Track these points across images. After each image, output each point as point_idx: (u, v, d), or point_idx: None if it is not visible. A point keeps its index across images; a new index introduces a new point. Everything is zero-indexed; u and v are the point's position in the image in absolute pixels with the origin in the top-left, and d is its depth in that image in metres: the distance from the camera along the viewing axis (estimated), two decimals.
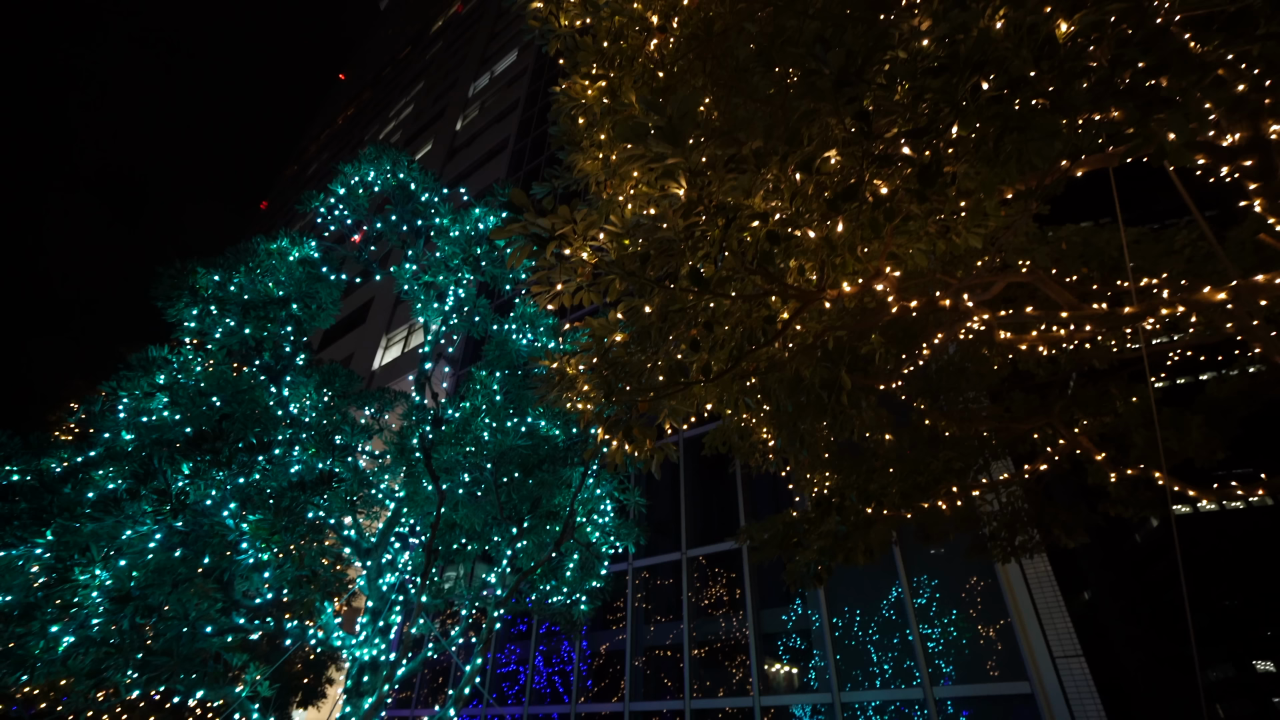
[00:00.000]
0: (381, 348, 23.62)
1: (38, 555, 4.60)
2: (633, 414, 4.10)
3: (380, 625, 5.78)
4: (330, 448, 5.40)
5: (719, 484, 12.84)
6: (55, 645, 4.47)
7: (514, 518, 6.02)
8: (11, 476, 5.17)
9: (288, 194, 55.97)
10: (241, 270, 5.69)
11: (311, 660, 8.37)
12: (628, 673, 11.76)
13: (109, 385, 5.34)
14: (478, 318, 6.73)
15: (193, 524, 4.79)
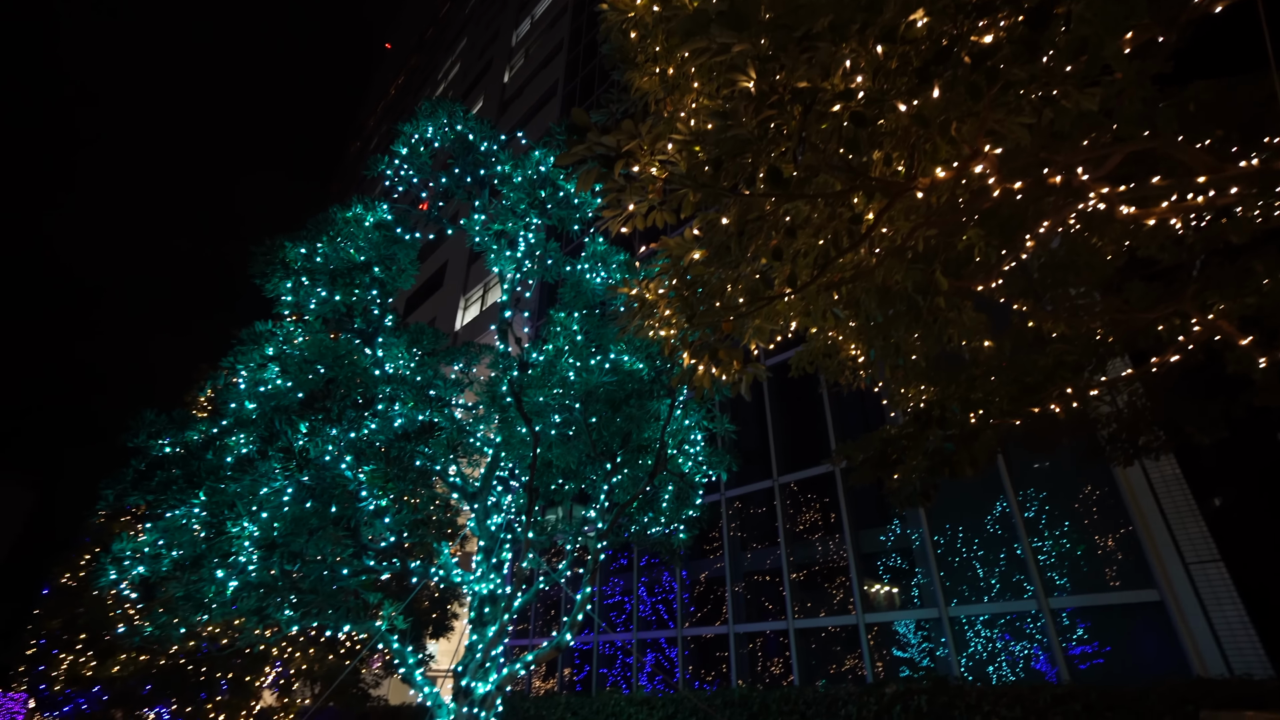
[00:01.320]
0: (461, 308, 24.45)
1: (196, 514, 5.24)
2: (716, 336, 4.00)
3: (494, 562, 6.18)
4: (428, 400, 5.69)
5: (806, 408, 12.63)
6: (223, 589, 5.13)
7: (606, 454, 6.16)
8: (164, 449, 5.85)
9: (354, 171, 57.90)
10: (324, 240, 5.97)
11: (436, 597, 9.16)
12: (729, 598, 12.10)
13: (228, 361, 5.84)
14: (550, 261, 6.76)
15: (317, 478, 5.28)
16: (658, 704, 6.44)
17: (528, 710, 7.70)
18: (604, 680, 13.91)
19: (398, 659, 5.98)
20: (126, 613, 10.55)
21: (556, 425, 5.96)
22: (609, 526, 5.81)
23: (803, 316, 4.37)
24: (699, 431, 6.40)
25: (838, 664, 10.39)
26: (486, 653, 5.88)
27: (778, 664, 11.16)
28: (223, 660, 9.23)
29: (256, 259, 5.89)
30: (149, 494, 5.50)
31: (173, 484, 5.35)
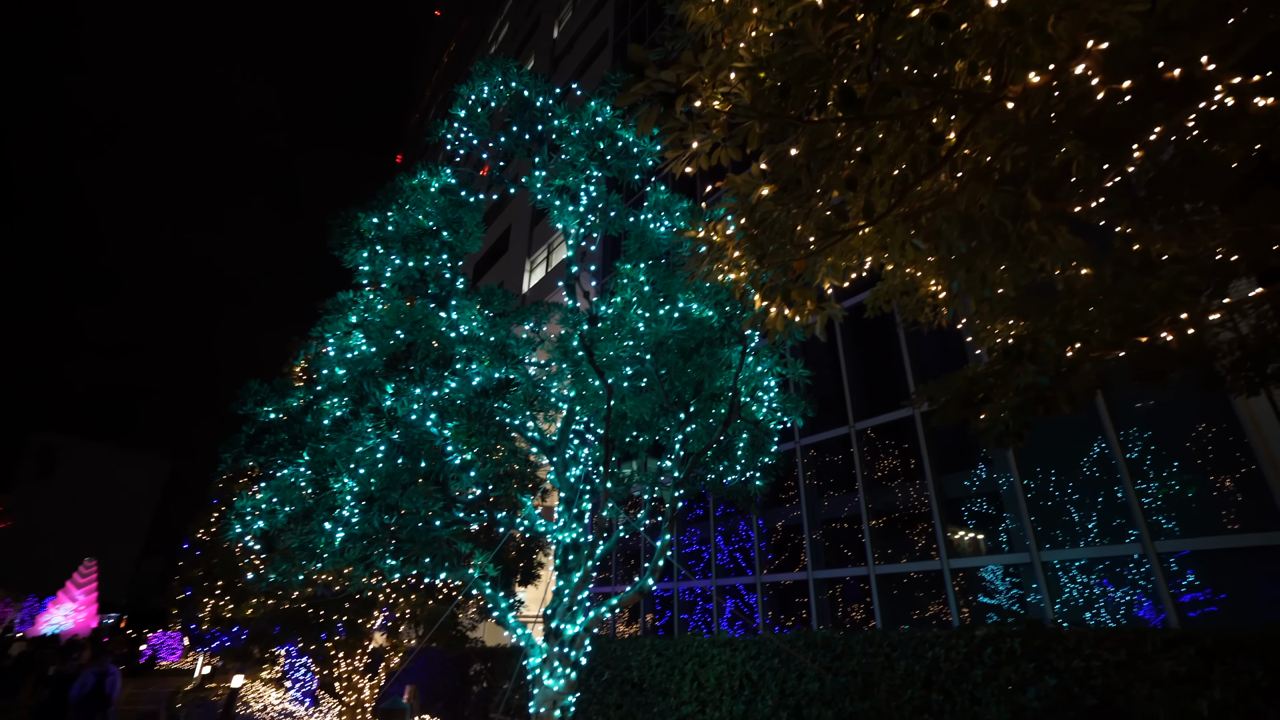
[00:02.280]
0: (526, 271, 24.89)
1: (302, 472, 5.72)
2: (788, 277, 3.87)
3: (575, 512, 6.40)
4: (503, 357, 5.87)
5: (881, 351, 12.20)
6: (331, 540, 5.62)
7: (679, 404, 6.18)
8: (269, 415, 6.37)
9: (416, 142, 59.14)
10: (393, 208, 6.17)
11: (522, 547, 9.66)
12: (807, 545, 12.11)
13: (317, 331, 6.23)
14: (613, 213, 6.70)
15: (405, 435, 5.62)
16: (740, 645, 6.58)
17: (614, 651, 8.06)
18: (684, 625, 14.38)
19: (490, 604, 6.38)
20: (252, 562, 11.77)
21: (628, 378, 6.01)
22: (685, 476, 5.88)
23: (878, 251, 4.14)
24: (772, 378, 6.29)
25: (921, 610, 10.27)
26: (573, 597, 6.16)
27: (858, 609, 11.16)
28: (337, 605, 10.17)
29: (334, 232, 6.17)
30: (260, 456, 6.06)
31: (280, 446, 5.87)
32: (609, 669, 7.99)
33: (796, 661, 5.98)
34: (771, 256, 3.73)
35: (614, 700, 7.76)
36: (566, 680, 6.10)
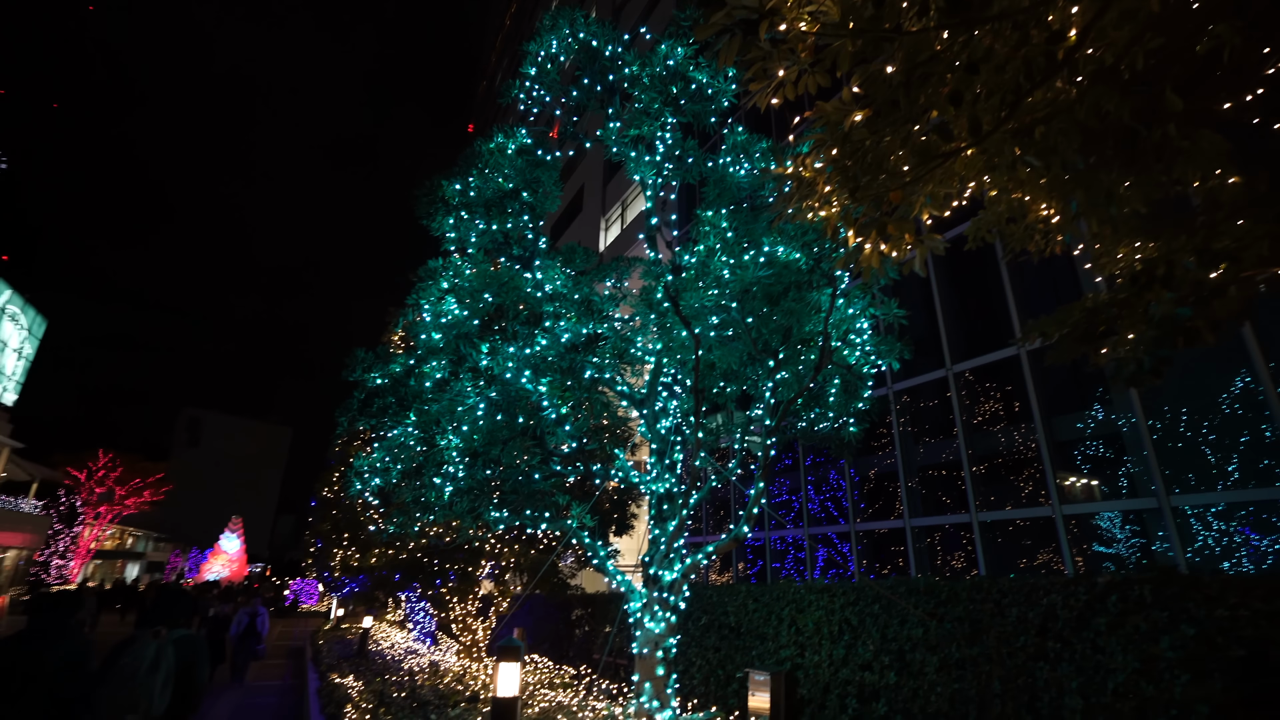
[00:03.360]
0: (602, 229, 24.93)
1: (410, 432, 6.14)
2: (883, 210, 3.63)
3: (667, 463, 6.50)
4: (590, 312, 5.95)
5: (981, 287, 11.41)
6: (441, 494, 6.03)
7: (767, 352, 6.06)
8: (377, 380, 6.84)
9: (486, 110, 59.81)
10: (474, 173, 6.30)
11: (615, 499, 9.98)
12: (903, 492, 11.76)
13: (412, 299, 6.55)
14: (690, 160, 6.52)
15: (503, 392, 5.86)
16: (838, 591, 6.55)
17: (710, 597, 8.25)
18: (776, 574, 14.49)
19: (590, 552, 6.65)
20: (372, 516, 12.89)
21: (715, 327, 5.93)
22: (776, 424, 5.80)
23: (984, 174, 3.79)
24: (865, 320, 6.02)
25: (1028, 558, 9.81)
26: (669, 544, 6.31)
27: (959, 558, 10.81)
28: (450, 554, 10.97)
29: (420, 201, 6.40)
30: (371, 419, 6.56)
31: (388, 409, 6.32)
32: (706, 614, 8.21)
33: (898, 607, 5.89)
34: (865, 189, 3.51)
35: (712, 643, 7.98)
36: (667, 624, 6.32)
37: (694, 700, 7.93)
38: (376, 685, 8.64)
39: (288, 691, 12.67)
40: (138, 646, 3.81)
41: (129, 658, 3.75)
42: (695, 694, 8.05)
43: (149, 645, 3.84)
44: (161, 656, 3.83)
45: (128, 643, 3.84)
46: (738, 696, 7.37)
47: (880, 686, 5.88)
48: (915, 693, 5.58)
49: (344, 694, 7.96)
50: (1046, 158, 3.89)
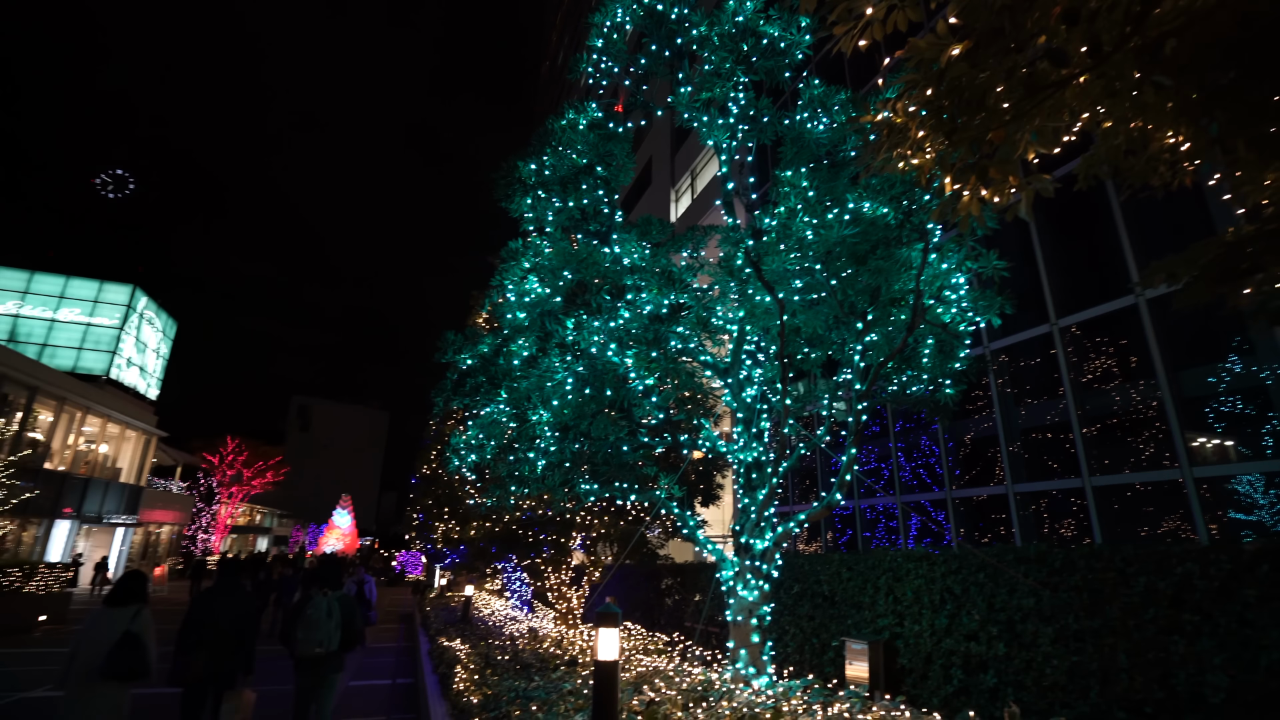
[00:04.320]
0: (673, 201, 24.68)
1: (502, 409, 6.39)
2: (983, 152, 3.37)
3: (754, 431, 6.42)
4: (670, 283, 5.91)
5: (1089, 232, 10.47)
6: (534, 468, 6.25)
7: (855, 314, 5.82)
8: (467, 361, 7.14)
9: (550, 90, 60.14)
10: (548, 151, 6.35)
11: (701, 470, 10.02)
12: (1004, 457, 11.12)
13: (496, 280, 6.75)
14: (765, 118, 6.28)
15: (590, 367, 5.97)
16: (938, 560, 6.30)
17: (802, 566, 8.16)
18: (867, 543, 14.13)
19: (680, 522, 6.72)
20: (469, 491, 13.60)
21: (798, 291, 5.74)
22: (867, 388, 5.59)
23: (1101, 102, 3.41)
24: (960, 274, 5.64)
25: (1150, 525, 9.07)
26: (760, 513, 6.27)
27: (1069, 525, 10.15)
28: (543, 526, 11.42)
29: (498, 184, 6.53)
30: (465, 398, 6.86)
31: (480, 388, 6.59)
32: (798, 583, 8.14)
33: (1006, 576, 5.61)
34: (963, 130, 3.25)
35: (806, 612, 7.92)
36: (760, 592, 6.32)
37: (789, 668, 7.92)
38: (482, 648, 9.18)
39: (401, 653, 13.74)
40: (316, 600, 5.47)
41: (311, 609, 5.41)
42: (790, 661, 8.04)
43: (323, 600, 5.48)
44: (332, 608, 5.48)
45: (307, 598, 5.50)
46: (834, 665, 7.30)
47: (988, 657, 5.64)
48: (1028, 665, 5.32)
49: (453, 655, 8.51)
50: (1179, 76, 3.46)
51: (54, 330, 38.68)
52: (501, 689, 6.31)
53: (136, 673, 4.66)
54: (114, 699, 4.69)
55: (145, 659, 4.71)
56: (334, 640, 5.41)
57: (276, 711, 7.72)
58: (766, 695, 5.64)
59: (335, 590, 5.65)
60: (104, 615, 4.82)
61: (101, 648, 4.62)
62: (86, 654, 4.62)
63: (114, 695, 4.69)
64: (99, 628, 4.73)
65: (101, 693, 4.60)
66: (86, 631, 4.73)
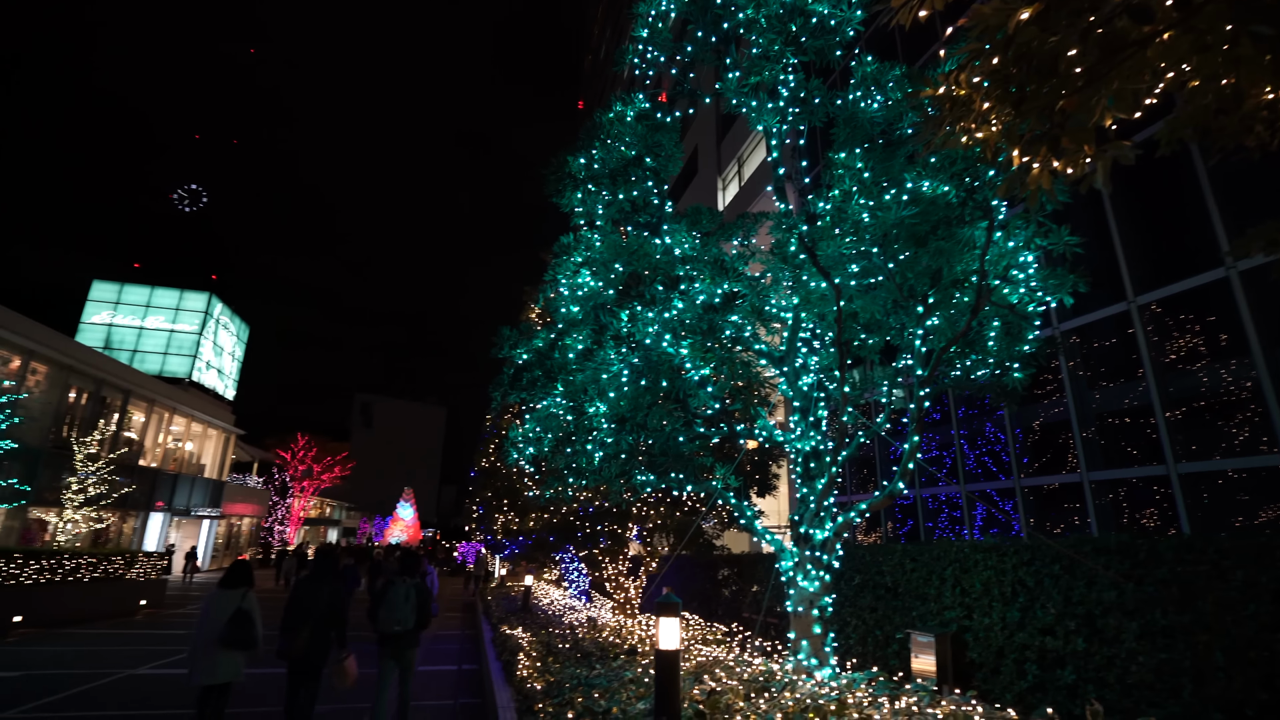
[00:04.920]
0: (720, 190, 24.41)
1: (559, 402, 6.49)
2: (1053, 122, 3.19)
3: (811, 420, 6.31)
4: (723, 271, 5.85)
5: (1170, 202, 9.80)
6: (591, 460, 6.34)
7: (914, 297, 5.63)
8: (523, 356, 7.29)
9: (594, 84, 60.33)
10: (596, 145, 6.38)
11: (756, 460, 9.92)
12: (1077, 444, 10.57)
13: (549, 275, 6.85)
14: (816, 99, 6.11)
15: (644, 358, 5.98)
16: (1009, 550, 6.06)
17: (863, 556, 7.99)
18: (930, 534, 13.72)
19: (737, 512, 6.68)
20: (527, 483, 13.90)
21: (855, 275, 5.58)
22: (929, 374, 5.39)
23: (1188, 59, 3.17)
24: (1028, 253, 5.36)
25: (1246, 515, 8.46)
26: (819, 503, 6.17)
27: (1152, 515, 9.57)
28: (600, 517, 11.57)
29: (548, 179, 6.61)
30: (522, 392, 7.00)
31: (536, 382, 6.71)
32: (859, 574, 7.98)
33: (1084, 568, 5.34)
34: (1032, 99, 3.09)
35: (868, 603, 7.76)
36: (821, 582, 6.23)
37: (852, 660, 7.79)
38: (543, 637, 9.40)
39: (465, 640, 14.22)
40: (396, 586, 6.41)
41: (392, 593, 6.36)
42: (852, 653, 7.91)
43: (401, 585, 6.42)
44: (409, 593, 6.40)
45: (389, 584, 6.44)
46: (899, 657, 7.13)
47: (1066, 653, 5.40)
48: (1110, 661, 5.06)
49: (515, 643, 8.75)
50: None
51: (142, 337, 41.57)
52: (564, 676, 6.45)
53: (247, 644, 5.72)
54: (232, 662, 5.77)
55: (254, 633, 5.77)
56: (410, 620, 6.32)
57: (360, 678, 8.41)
58: (830, 687, 5.57)
59: (414, 579, 6.52)
60: (219, 596, 5.89)
61: (219, 622, 5.69)
62: (209, 627, 5.69)
63: (232, 659, 5.77)
64: (217, 606, 5.81)
65: (222, 657, 5.71)
66: (207, 609, 5.80)
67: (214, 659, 5.67)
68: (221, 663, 5.70)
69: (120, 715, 7.52)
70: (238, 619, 5.72)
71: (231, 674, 5.78)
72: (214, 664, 5.67)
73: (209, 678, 5.65)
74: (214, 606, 5.83)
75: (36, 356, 22.79)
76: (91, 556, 16.84)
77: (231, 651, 5.73)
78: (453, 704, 8.39)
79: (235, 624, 5.69)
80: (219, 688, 5.80)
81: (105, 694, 8.54)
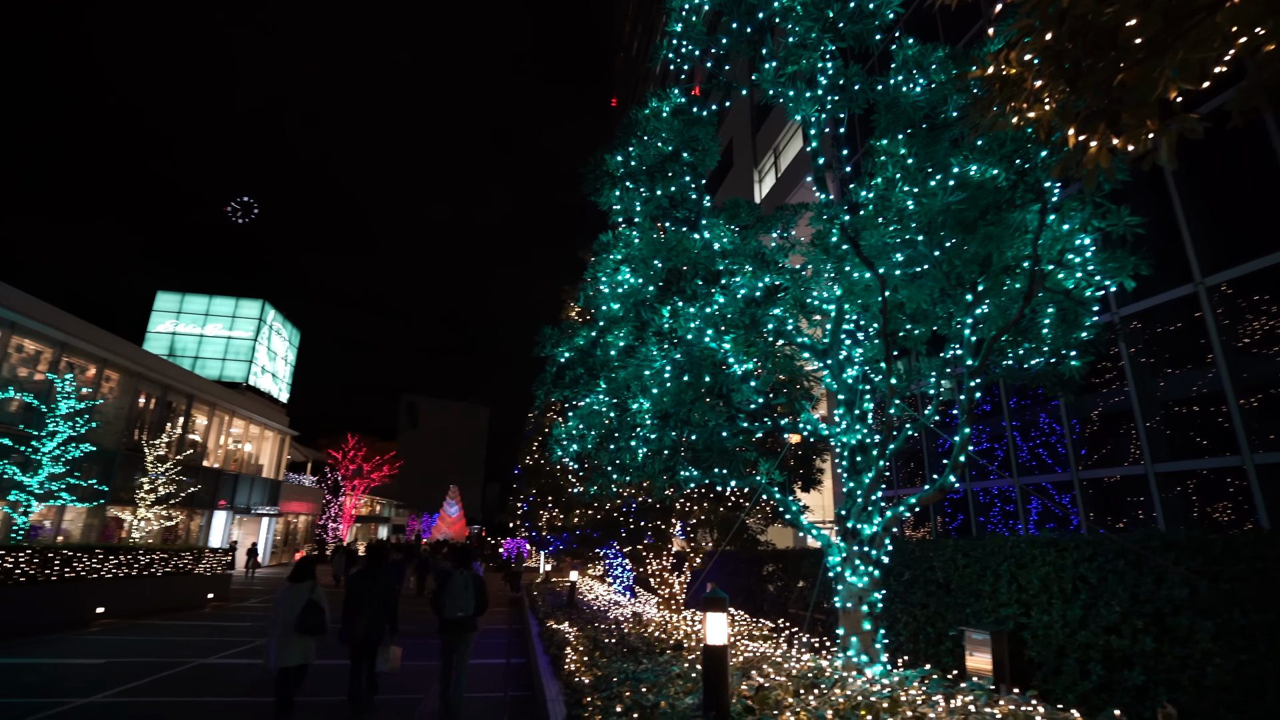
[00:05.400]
0: (756, 182, 24.13)
1: (601, 399, 6.54)
2: (1112, 96, 3.05)
3: (856, 413, 6.19)
4: (764, 265, 5.79)
5: (1239, 176, 9.25)
6: (635, 455, 6.38)
7: (963, 285, 5.46)
8: (564, 354, 7.37)
9: (626, 81, 60.35)
10: (633, 142, 6.38)
11: (800, 455, 9.80)
12: (1141, 433, 10.10)
13: (589, 273, 6.90)
14: (856, 85, 5.97)
15: (686, 354, 5.98)
16: (1068, 545, 5.84)
17: (913, 551, 7.81)
18: (982, 529, 13.30)
19: (782, 507, 6.61)
20: (571, 480, 14.06)
21: (900, 265, 5.44)
22: (980, 364, 5.22)
23: (1262, 21, 2.98)
24: (1084, 235, 5.13)
25: None
26: (867, 497, 6.06)
27: (1225, 509, 9.07)
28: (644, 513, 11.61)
29: (585, 178, 6.65)
30: (565, 390, 7.09)
31: (579, 380, 6.78)
32: (909, 569, 7.81)
33: (1152, 564, 5.10)
34: (1089, 74, 2.97)
35: (918, 599, 7.59)
36: (870, 578, 6.11)
37: (903, 657, 7.64)
38: (589, 631, 9.50)
39: (513, 635, 14.49)
40: (456, 575, 7.27)
41: (452, 583, 7.19)
42: (903, 651, 7.74)
43: (460, 577, 7.27)
44: (468, 583, 7.26)
45: (449, 575, 7.29)
46: (951, 655, 6.95)
47: (1133, 653, 5.17)
48: (1183, 662, 4.83)
49: (562, 638, 8.87)
50: None
51: (202, 344, 43.67)
52: (611, 670, 6.51)
53: (317, 630, 6.60)
54: (305, 645, 6.68)
55: (323, 620, 6.65)
56: (470, 607, 7.17)
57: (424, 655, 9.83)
58: (881, 684, 5.47)
59: (469, 570, 7.47)
60: (291, 589, 6.75)
61: (293, 611, 6.57)
62: (284, 615, 6.58)
63: (304, 642, 6.67)
64: (289, 597, 6.68)
65: (296, 643, 6.59)
66: (281, 601, 6.69)
67: (290, 644, 6.52)
68: (296, 647, 6.56)
69: (194, 700, 7.96)
70: (309, 609, 6.56)
71: (305, 657, 6.63)
72: (290, 648, 6.51)
73: (287, 660, 6.48)
74: (287, 599, 6.66)
75: (109, 365, 24.16)
76: (163, 552, 17.80)
77: (304, 637, 6.59)
78: (503, 696, 8.57)
79: (307, 613, 6.53)
80: (295, 669, 6.62)
81: (180, 680, 9.05)
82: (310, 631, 6.54)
